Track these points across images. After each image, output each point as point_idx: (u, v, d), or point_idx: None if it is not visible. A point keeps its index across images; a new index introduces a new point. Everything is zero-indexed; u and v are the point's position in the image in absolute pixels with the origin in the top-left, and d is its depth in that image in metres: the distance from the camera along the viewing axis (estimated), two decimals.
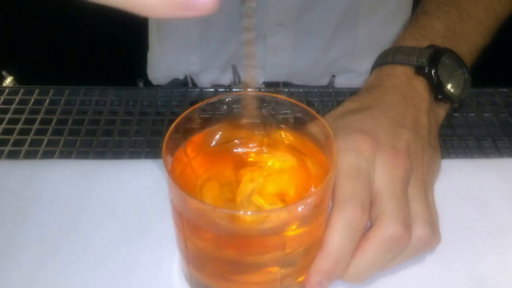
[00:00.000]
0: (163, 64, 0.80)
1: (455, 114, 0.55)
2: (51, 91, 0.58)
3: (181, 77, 0.80)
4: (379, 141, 0.39)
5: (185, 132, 0.36)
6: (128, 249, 0.41)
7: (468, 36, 0.50)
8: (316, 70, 0.77)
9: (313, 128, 0.36)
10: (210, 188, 0.35)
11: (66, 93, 0.58)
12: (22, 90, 0.57)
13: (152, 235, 0.42)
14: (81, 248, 0.41)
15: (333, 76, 0.78)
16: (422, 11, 0.52)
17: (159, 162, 0.48)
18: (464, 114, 0.55)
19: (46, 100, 0.57)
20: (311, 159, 0.37)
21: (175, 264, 0.40)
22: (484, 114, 0.55)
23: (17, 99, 0.56)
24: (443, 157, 0.46)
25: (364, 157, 0.38)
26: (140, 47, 0.82)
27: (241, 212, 0.33)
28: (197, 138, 0.37)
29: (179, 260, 0.40)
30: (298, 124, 0.37)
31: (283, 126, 0.38)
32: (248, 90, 0.35)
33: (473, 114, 0.55)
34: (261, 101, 0.37)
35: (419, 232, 0.37)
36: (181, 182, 0.33)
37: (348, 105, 0.45)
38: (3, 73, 0.74)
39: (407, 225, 0.36)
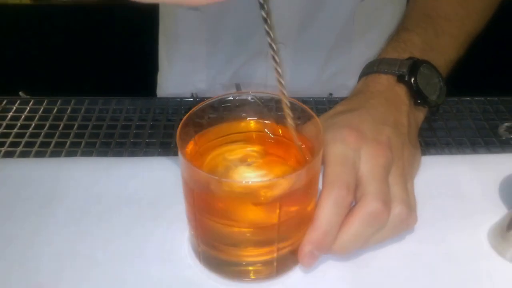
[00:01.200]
0: (171, 83, 0.87)
1: (436, 120, 0.61)
2: (72, 101, 0.64)
3: (188, 95, 0.86)
4: (364, 135, 0.45)
5: (195, 124, 0.42)
6: (143, 229, 0.47)
7: (443, 50, 0.57)
8: (315, 87, 0.83)
9: (308, 124, 0.42)
10: (214, 165, 0.41)
11: (86, 103, 0.64)
12: (45, 100, 0.64)
13: (165, 219, 0.48)
14: (101, 230, 0.47)
15: (330, 94, 0.84)
16: (403, 28, 0.59)
17: (171, 158, 0.54)
18: (445, 119, 0.62)
19: (68, 109, 0.63)
20: (304, 148, 0.43)
21: (186, 241, 0.46)
22: (462, 121, 0.61)
23: (42, 108, 0.63)
24: (424, 154, 0.52)
25: (350, 148, 0.44)
26: (151, 69, 0.90)
27: (244, 182, 0.39)
28: (205, 130, 0.43)
29: (189, 237, 0.45)
30: (297, 120, 0.43)
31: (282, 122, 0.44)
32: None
33: (453, 120, 0.61)
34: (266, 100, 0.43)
35: (397, 210, 0.42)
36: (191, 161, 0.39)
37: (338, 108, 0.51)
38: (20, 93, 0.81)
39: (387, 203, 0.42)
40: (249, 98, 0.45)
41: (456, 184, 0.52)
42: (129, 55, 1.05)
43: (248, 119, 0.45)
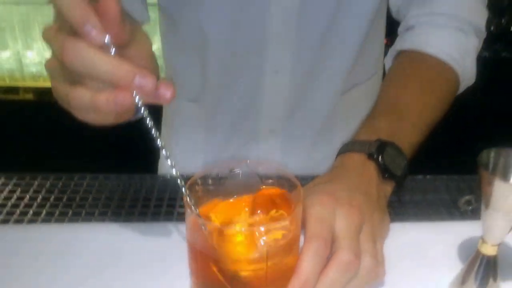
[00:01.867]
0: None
1: (404, 194, 0.70)
2: (75, 177, 0.73)
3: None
4: (339, 200, 0.54)
5: (196, 192, 0.51)
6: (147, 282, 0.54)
7: (405, 134, 0.67)
8: (303, 172, 0.93)
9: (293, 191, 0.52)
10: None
11: (88, 178, 0.73)
12: (51, 177, 0.73)
13: (167, 275, 0.55)
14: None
15: None
16: (372, 116, 0.70)
17: (173, 224, 0.62)
18: (412, 194, 0.71)
19: (71, 183, 0.72)
20: (287, 209, 0.51)
21: None
22: (427, 195, 0.71)
23: (61, 184, 0.72)
24: (393, 222, 0.60)
25: (327, 210, 0.52)
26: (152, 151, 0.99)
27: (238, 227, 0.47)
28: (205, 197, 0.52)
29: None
30: (282, 187, 0.52)
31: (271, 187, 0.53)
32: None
33: (419, 194, 0.71)
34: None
35: (366, 261, 0.50)
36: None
37: (318, 180, 0.61)
38: None
39: (358, 255, 0.50)
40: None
41: (421, 247, 0.60)
42: (130, 138, 1.14)
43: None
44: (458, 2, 0.76)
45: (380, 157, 0.61)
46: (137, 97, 0.43)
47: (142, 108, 0.44)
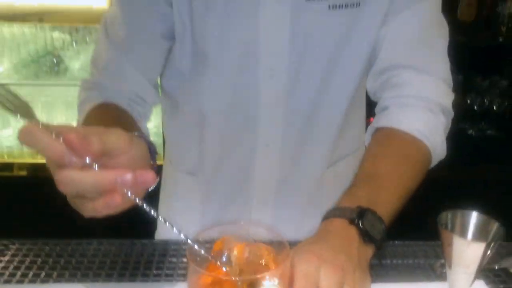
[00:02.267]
0: (168, 233, 1.03)
1: (385, 257, 0.77)
2: (71, 243, 0.79)
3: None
4: (323, 259, 0.60)
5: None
6: None
7: (383, 202, 0.74)
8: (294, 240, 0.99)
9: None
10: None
11: (84, 244, 0.79)
12: (73, 243, 0.79)
13: None
14: None
15: None
16: (352, 185, 0.77)
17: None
18: (392, 258, 0.77)
19: (68, 249, 0.78)
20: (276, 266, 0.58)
21: None
22: (406, 259, 0.77)
23: (70, 249, 0.78)
24: (375, 282, 0.66)
25: (312, 267, 0.59)
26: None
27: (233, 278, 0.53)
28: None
29: None
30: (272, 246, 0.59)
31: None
32: None
33: (399, 258, 0.77)
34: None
35: None
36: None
37: (304, 242, 0.67)
38: None
39: None
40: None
41: None
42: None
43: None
44: (426, 86, 0.86)
45: (360, 222, 0.68)
46: (128, 192, 0.53)
47: (137, 198, 0.54)
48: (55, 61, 2.31)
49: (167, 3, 0.84)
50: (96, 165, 0.53)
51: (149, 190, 0.60)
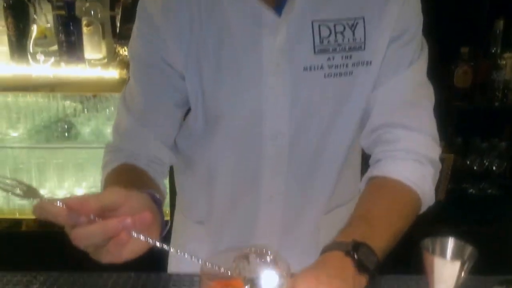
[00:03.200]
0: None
1: None
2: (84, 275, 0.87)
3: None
4: (320, 281, 0.68)
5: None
6: None
7: (376, 239, 0.79)
8: None
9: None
10: None
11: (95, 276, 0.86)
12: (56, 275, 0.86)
13: None
14: None
15: None
16: (348, 224, 0.84)
17: None
18: None
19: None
20: None
21: None
22: None
23: (92, 280, 0.85)
24: None
25: (311, 286, 0.66)
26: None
27: None
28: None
29: None
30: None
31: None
32: None
33: None
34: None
35: None
36: None
37: (302, 270, 0.74)
38: None
39: None
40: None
41: None
42: None
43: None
44: (415, 141, 0.94)
45: (355, 254, 0.75)
46: (132, 232, 0.64)
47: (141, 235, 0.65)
48: (66, 127, 2.44)
49: (180, 76, 0.95)
50: (100, 219, 0.64)
51: (162, 235, 0.73)
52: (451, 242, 0.63)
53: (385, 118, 0.95)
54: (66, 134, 2.44)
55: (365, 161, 1.04)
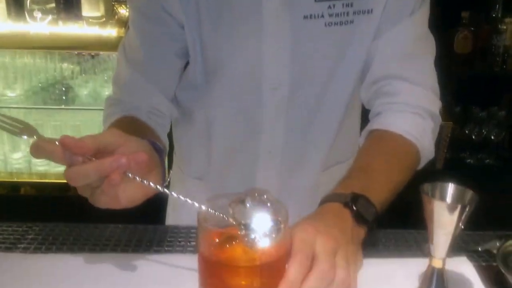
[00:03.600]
0: None
1: (377, 246, 0.83)
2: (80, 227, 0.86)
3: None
4: (318, 230, 0.67)
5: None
6: None
7: (375, 191, 0.79)
8: None
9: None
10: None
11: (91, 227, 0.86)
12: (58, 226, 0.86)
13: None
14: None
15: None
16: (347, 176, 0.84)
17: (177, 256, 0.74)
18: (386, 247, 0.84)
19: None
20: None
21: None
22: (399, 247, 0.83)
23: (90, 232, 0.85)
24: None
25: (309, 235, 0.65)
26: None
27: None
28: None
29: None
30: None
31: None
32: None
33: (391, 245, 0.83)
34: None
35: (339, 273, 0.63)
36: None
37: (301, 220, 0.74)
38: None
39: (333, 267, 0.62)
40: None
41: (390, 279, 0.72)
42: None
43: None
44: (415, 94, 0.94)
45: (353, 205, 0.75)
46: (128, 173, 0.63)
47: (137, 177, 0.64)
48: (63, 89, 2.44)
49: (179, 25, 0.93)
50: (92, 158, 0.63)
51: (164, 185, 0.71)
52: (451, 187, 0.62)
53: (385, 69, 0.95)
54: (64, 97, 2.43)
55: (365, 118, 1.04)
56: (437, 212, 0.59)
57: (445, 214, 0.58)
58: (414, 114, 0.93)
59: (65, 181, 0.63)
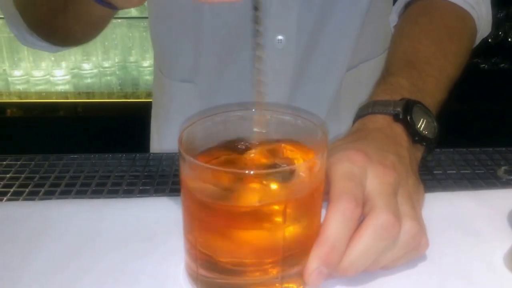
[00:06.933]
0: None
1: (434, 167, 0.61)
2: (64, 158, 0.63)
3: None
4: (370, 157, 0.44)
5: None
6: (137, 264, 0.43)
7: (429, 91, 0.57)
8: None
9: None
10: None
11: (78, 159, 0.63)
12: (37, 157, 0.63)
13: (158, 253, 0.45)
14: (90, 265, 0.43)
15: None
16: (388, 73, 0.60)
17: (164, 198, 0.52)
18: (443, 167, 0.61)
19: (59, 163, 0.62)
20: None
21: (182, 271, 0.42)
22: (461, 167, 0.61)
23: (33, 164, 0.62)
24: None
25: (357, 166, 0.42)
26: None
27: (246, 171, 0.37)
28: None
29: (186, 267, 0.42)
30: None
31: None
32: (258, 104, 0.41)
33: (451, 167, 0.61)
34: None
35: (408, 225, 0.40)
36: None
37: (338, 142, 0.50)
38: None
39: (397, 216, 0.40)
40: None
41: (465, 217, 0.50)
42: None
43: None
44: None
45: (408, 117, 0.52)
46: None
47: None
48: None
49: None
50: None
51: None
52: None
53: None
54: None
55: None
56: None
57: None
58: None
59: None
